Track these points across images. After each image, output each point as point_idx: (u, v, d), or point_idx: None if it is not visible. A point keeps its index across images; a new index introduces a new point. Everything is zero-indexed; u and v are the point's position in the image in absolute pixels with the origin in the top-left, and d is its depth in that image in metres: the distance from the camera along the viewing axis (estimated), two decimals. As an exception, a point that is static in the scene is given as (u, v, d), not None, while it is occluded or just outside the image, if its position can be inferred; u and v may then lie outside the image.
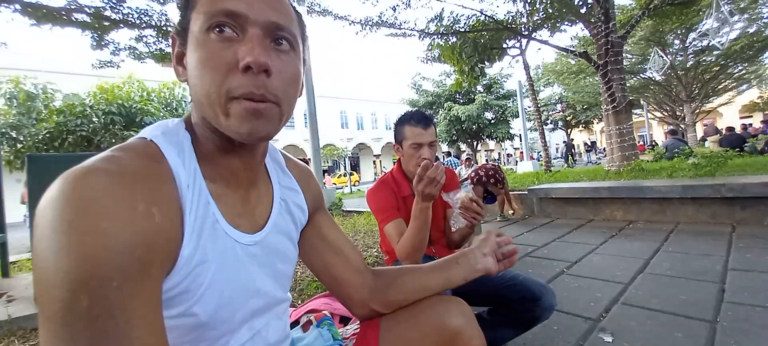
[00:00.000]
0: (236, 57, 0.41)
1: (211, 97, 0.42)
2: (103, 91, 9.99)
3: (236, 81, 0.41)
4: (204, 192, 0.45)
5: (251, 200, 0.53)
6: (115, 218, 0.34)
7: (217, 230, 0.45)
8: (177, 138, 0.45)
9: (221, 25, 0.42)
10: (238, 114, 0.41)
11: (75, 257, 0.31)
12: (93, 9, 5.33)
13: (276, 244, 0.55)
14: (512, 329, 1.23)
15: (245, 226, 0.50)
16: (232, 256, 0.47)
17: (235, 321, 0.48)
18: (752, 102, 22.67)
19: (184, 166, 0.43)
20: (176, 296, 0.41)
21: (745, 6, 10.67)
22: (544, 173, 7.52)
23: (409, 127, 1.31)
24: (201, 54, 0.42)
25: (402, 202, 1.36)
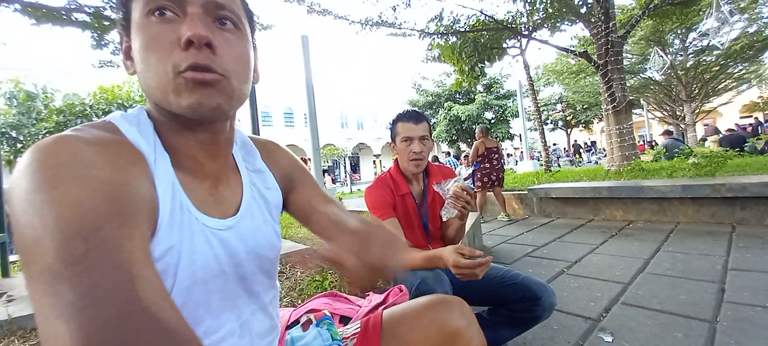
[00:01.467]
0: (178, 35, 0.41)
1: (158, 79, 0.41)
2: (102, 91, 10.00)
3: (180, 56, 0.41)
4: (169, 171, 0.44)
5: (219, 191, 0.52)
6: (96, 170, 0.33)
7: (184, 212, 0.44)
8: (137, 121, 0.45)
9: (161, 7, 0.42)
10: (185, 87, 0.41)
11: (63, 207, 0.30)
12: (93, 9, 5.33)
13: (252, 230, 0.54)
14: (512, 329, 1.23)
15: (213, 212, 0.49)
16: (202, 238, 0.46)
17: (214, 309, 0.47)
18: (752, 102, 22.68)
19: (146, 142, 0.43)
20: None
21: (745, 6, 10.66)
22: (544, 173, 7.52)
23: (400, 123, 1.35)
24: (143, 38, 0.42)
25: (399, 200, 1.37)
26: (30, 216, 0.31)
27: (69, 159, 0.33)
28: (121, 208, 0.33)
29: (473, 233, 2.91)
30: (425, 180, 1.42)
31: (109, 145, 0.38)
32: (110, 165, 0.35)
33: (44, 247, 0.29)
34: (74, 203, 0.31)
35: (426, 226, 1.41)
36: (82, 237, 0.30)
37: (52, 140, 0.35)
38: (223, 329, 0.48)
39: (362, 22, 7.03)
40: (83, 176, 0.33)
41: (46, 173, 0.32)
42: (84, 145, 0.35)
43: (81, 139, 0.36)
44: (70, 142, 0.35)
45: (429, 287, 1.08)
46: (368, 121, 34.64)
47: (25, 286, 0.31)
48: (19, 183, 0.32)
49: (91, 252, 0.30)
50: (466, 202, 1.14)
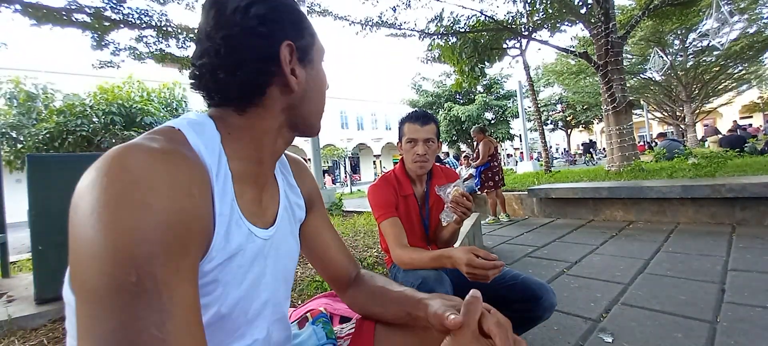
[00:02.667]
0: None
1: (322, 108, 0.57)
2: (103, 92, 9.99)
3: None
4: (229, 185, 0.46)
5: (263, 199, 0.55)
6: (159, 193, 0.34)
7: (239, 224, 0.47)
8: (203, 130, 0.46)
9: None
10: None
11: (122, 232, 0.31)
12: (93, 9, 5.33)
13: (283, 241, 0.57)
14: (512, 329, 1.22)
15: (259, 223, 0.51)
16: (252, 249, 0.48)
17: (250, 315, 0.49)
18: (752, 102, 22.69)
19: (211, 156, 0.44)
20: (206, 286, 0.42)
21: (745, 6, 10.68)
22: (544, 173, 7.52)
23: (407, 124, 1.36)
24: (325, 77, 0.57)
25: (402, 200, 1.37)
26: (91, 234, 0.31)
27: (136, 178, 0.34)
28: (177, 237, 0.34)
29: (473, 233, 2.91)
30: (428, 182, 1.42)
31: (176, 161, 0.38)
32: (174, 187, 0.36)
33: (96, 268, 0.31)
34: (133, 229, 0.32)
35: (427, 227, 1.41)
36: (134, 266, 0.31)
37: (123, 152, 0.35)
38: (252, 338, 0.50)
39: (362, 22, 7.03)
40: (146, 201, 0.33)
41: (112, 190, 0.33)
42: (152, 161, 0.36)
43: (153, 152, 0.36)
44: (138, 156, 0.35)
45: (430, 287, 1.08)
46: (368, 122, 34.62)
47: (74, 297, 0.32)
48: (85, 196, 0.33)
49: (141, 283, 0.31)
50: (466, 207, 1.14)
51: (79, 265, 0.32)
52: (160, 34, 5.98)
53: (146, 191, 0.34)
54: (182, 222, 0.35)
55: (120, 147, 0.36)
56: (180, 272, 0.34)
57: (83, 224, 0.32)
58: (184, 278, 0.34)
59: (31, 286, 1.87)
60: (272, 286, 0.54)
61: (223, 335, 0.46)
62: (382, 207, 1.31)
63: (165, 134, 0.42)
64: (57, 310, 1.67)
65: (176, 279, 0.33)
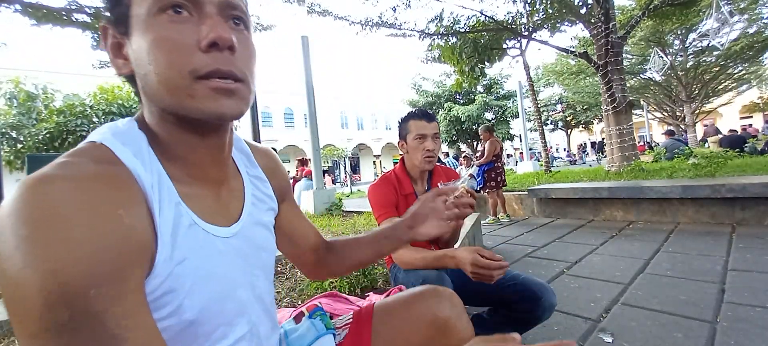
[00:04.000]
0: (197, 36, 0.39)
1: (171, 81, 0.39)
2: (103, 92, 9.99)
3: (201, 59, 0.39)
4: (172, 193, 0.43)
5: (222, 196, 0.51)
6: (79, 224, 0.32)
7: (192, 228, 0.44)
8: (130, 138, 0.42)
9: (176, 5, 0.40)
10: (206, 94, 0.40)
11: (44, 271, 0.29)
12: (93, 9, 5.33)
13: (254, 235, 0.55)
14: (512, 329, 1.22)
15: (220, 221, 0.49)
16: (213, 251, 0.46)
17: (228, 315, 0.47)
18: (752, 102, 22.68)
19: (144, 166, 0.41)
20: (161, 297, 0.39)
21: (745, 6, 10.68)
22: (544, 173, 7.52)
23: (413, 121, 1.36)
24: (153, 36, 0.39)
25: (403, 199, 1.37)
26: (14, 275, 0.29)
27: (54, 210, 0.31)
28: (110, 264, 0.32)
29: (473, 233, 2.91)
30: (429, 181, 1.43)
31: (97, 187, 0.35)
32: (98, 213, 0.33)
33: (29, 311, 0.29)
34: (54, 268, 0.29)
35: None
36: (66, 304, 0.29)
37: (38, 182, 0.32)
38: (235, 335, 0.48)
39: (362, 22, 7.04)
40: (68, 232, 0.31)
41: (24, 230, 0.30)
42: (71, 188, 0.33)
43: (68, 179, 0.34)
44: (55, 187, 0.32)
45: (429, 287, 1.08)
46: (368, 122, 34.63)
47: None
48: (3, 232, 0.31)
49: (76, 318, 0.29)
50: (470, 205, 1.14)
51: (10, 307, 0.30)
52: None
53: (65, 225, 0.31)
54: (111, 248, 0.33)
55: (33, 177, 0.33)
56: (120, 299, 0.32)
57: (5, 265, 0.30)
58: (130, 302, 0.33)
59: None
60: (248, 281, 0.51)
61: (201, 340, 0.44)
62: (382, 206, 1.31)
63: (85, 154, 0.38)
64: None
65: (120, 306, 0.32)
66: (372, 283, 1.76)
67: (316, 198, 5.52)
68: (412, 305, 0.70)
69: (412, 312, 0.69)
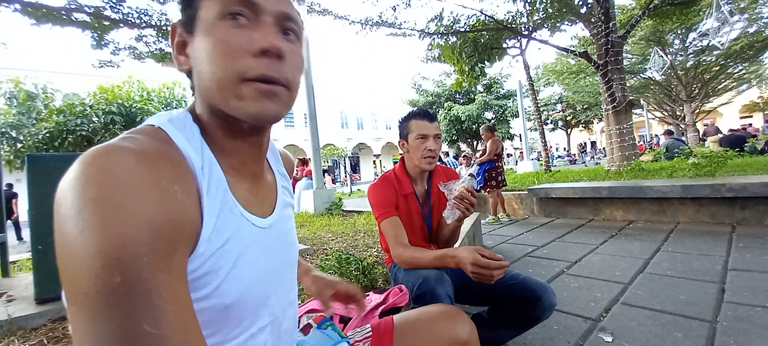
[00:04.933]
0: (250, 41, 0.43)
1: (222, 81, 0.43)
2: (103, 91, 9.99)
3: (250, 63, 0.42)
4: (221, 179, 0.45)
5: (259, 190, 0.55)
6: (140, 194, 0.34)
7: (234, 213, 0.46)
8: (184, 126, 0.45)
9: (237, 12, 0.43)
10: (250, 95, 0.43)
11: (104, 235, 0.31)
12: (93, 9, 5.33)
13: (284, 228, 0.58)
14: (513, 329, 1.23)
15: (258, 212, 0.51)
16: (251, 238, 0.48)
17: (256, 304, 0.49)
18: (752, 102, 22.69)
19: (196, 152, 0.44)
20: (201, 277, 0.41)
21: (745, 6, 10.68)
22: (544, 173, 7.52)
23: (414, 121, 1.35)
24: (214, 39, 0.43)
25: (402, 200, 1.37)
26: (74, 237, 0.31)
27: (117, 178, 0.33)
28: (163, 236, 0.34)
29: (473, 232, 2.91)
30: (429, 181, 1.42)
31: (157, 160, 0.38)
32: (156, 186, 0.36)
33: (84, 271, 0.30)
34: (117, 231, 0.31)
35: (429, 226, 1.41)
36: (121, 268, 0.31)
37: (102, 152, 0.35)
38: (258, 325, 0.50)
39: (362, 22, 7.03)
40: (128, 201, 0.33)
41: (93, 191, 0.32)
42: (133, 161, 0.35)
43: (131, 151, 0.36)
44: (118, 156, 0.35)
45: (430, 286, 1.08)
46: (368, 121, 34.61)
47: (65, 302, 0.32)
48: (66, 197, 0.33)
49: (127, 284, 0.30)
50: (470, 204, 1.14)
51: (66, 268, 0.31)
52: (160, 34, 5.97)
53: (127, 192, 0.33)
54: (166, 221, 0.35)
55: (99, 148, 0.35)
56: (169, 271, 0.34)
57: (65, 227, 0.32)
58: (174, 277, 0.34)
59: (31, 286, 1.87)
60: (277, 273, 0.54)
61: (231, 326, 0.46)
62: (382, 206, 1.31)
63: (146, 133, 0.41)
64: (57, 310, 1.67)
65: (166, 278, 0.33)
66: (372, 283, 1.76)
67: (316, 198, 5.52)
68: (433, 323, 0.74)
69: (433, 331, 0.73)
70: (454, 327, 0.73)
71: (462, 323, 0.75)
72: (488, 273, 0.96)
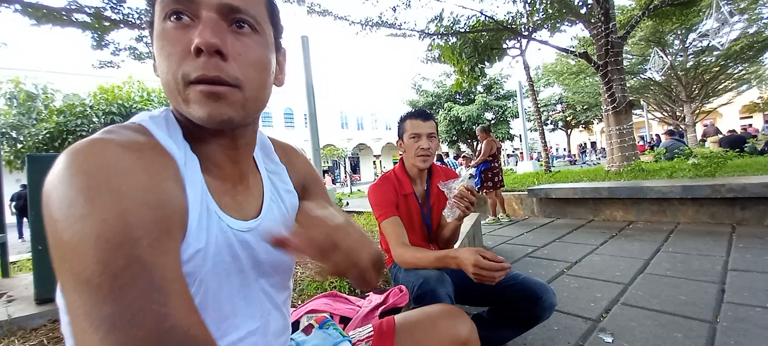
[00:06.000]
0: (188, 41, 0.40)
1: (170, 85, 0.41)
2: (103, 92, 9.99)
3: (190, 65, 0.40)
4: (199, 176, 0.44)
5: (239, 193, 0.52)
6: (132, 179, 0.34)
7: (214, 218, 0.45)
8: (166, 123, 0.45)
9: (177, 11, 0.41)
10: (195, 99, 0.40)
11: (103, 220, 0.31)
12: (93, 9, 5.33)
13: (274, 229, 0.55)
14: (512, 329, 1.23)
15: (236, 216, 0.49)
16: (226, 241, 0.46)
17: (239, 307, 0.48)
18: (752, 102, 22.68)
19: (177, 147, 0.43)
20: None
21: (745, 6, 10.68)
22: (544, 173, 7.52)
23: (408, 120, 1.37)
24: (159, 43, 0.41)
25: (402, 199, 1.37)
26: (70, 224, 0.31)
27: (107, 166, 0.33)
28: (158, 220, 0.34)
29: (473, 233, 2.91)
30: (429, 180, 1.43)
31: (143, 150, 0.37)
32: (146, 173, 0.35)
33: (85, 258, 0.30)
34: (115, 215, 0.31)
35: (429, 226, 1.41)
36: (123, 251, 0.30)
37: (88, 144, 0.34)
38: (245, 329, 0.49)
39: (362, 22, 7.04)
40: (122, 186, 0.33)
41: (84, 179, 0.32)
42: (120, 150, 0.35)
43: (116, 142, 0.36)
44: (106, 146, 0.35)
45: (431, 287, 1.08)
46: (368, 122, 34.62)
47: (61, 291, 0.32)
48: (57, 188, 0.32)
49: (131, 267, 0.30)
50: (470, 202, 1.14)
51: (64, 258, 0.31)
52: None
53: (120, 177, 0.33)
54: (161, 204, 0.35)
55: (83, 141, 0.35)
56: (168, 253, 0.34)
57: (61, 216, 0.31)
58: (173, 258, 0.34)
59: (31, 286, 1.87)
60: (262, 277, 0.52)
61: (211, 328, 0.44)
62: (383, 206, 1.31)
63: (128, 128, 0.41)
64: (57, 310, 1.67)
65: (166, 259, 0.33)
66: (372, 283, 1.76)
67: (316, 198, 5.51)
68: (434, 323, 0.74)
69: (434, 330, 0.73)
70: (455, 326, 0.74)
71: (463, 323, 0.75)
72: (490, 275, 0.96)
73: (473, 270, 0.98)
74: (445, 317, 0.75)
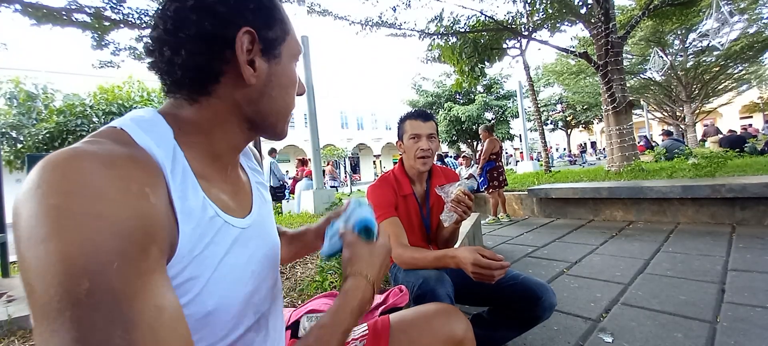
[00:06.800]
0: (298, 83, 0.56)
1: (288, 109, 0.54)
2: (103, 92, 10.00)
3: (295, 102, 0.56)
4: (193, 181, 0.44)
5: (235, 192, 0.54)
6: (108, 198, 0.32)
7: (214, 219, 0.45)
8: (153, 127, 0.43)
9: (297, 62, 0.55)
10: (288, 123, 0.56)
11: (69, 243, 0.29)
12: (93, 9, 5.34)
13: (263, 226, 0.57)
14: (512, 329, 1.23)
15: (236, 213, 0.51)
16: (230, 239, 0.47)
17: (240, 306, 0.49)
18: (752, 102, 22.68)
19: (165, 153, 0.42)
20: (182, 285, 0.40)
21: (745, 6, 10.67)
22: (544, 173, 7.52)
23: (409, 121, 1.37)
24: (294, 77, 0.54)
25: (402, 200, 1.37)
26: (37, 246, 0.30)
27: (79, 186, 0.32)
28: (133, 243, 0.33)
29: (473, 233, 2.91)
30: (428, 181, 1.42)
31: (121, 166, 0.36)
32: (121, 192, 0.34)
33: (47, 283, 0.29)
34: (81, 240, 0.30)
35: (428, 227, 1.41)
36: (88, 276, 0.29)
37: (63, 159, 0.33)
38: (244, 325, 0.50)
39: (362, 22, 7.04)
40: (93, 208, 0.31)
41: (54, 200, 0.31)
42: (95, 166, 0.33)
43: (93, 157, 0.34)
44: (81, 162, 0.33)
45: (430, 287, 1.08)
46: (368, 122, 34.62)
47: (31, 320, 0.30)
48: (25, 206, 0.31)
49: (96, 293, 0.29)
50: (467, 207, 1.14)
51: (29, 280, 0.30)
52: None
53: (92, 198, 0.31)
54: (136, 226, 0.33)
55: (60, 153, 0.33)
56: (142, 277, 0.32)
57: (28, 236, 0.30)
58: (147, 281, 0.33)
59: (31, 286, 1.87)
60: (260, 274, 0.53)
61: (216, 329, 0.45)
62: (382, 207, 1.31)
63: (108, 136, 0.39)
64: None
65: (138, 285, 0.31)
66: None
67: (316, 198, 5.51)
68: (430, 321, 0.74)
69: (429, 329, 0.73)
70: (450, 325, 0.74)
71: (458, 321, 0.75)
72: (489, 273, 0.96)
73: (472, 269, 0.98)
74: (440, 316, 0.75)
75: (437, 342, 0.72)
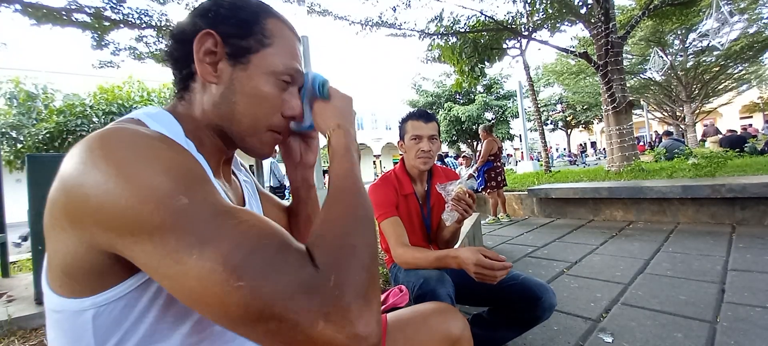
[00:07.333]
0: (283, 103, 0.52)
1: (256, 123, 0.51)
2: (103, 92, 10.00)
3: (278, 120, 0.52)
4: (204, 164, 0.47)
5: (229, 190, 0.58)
6: (165, 147, 0.37)
7: None
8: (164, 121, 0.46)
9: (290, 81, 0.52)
10: (269, 141, 0.53)
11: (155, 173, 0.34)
12: (93, 9, 5.34)
13: None
14: (513, 329, 1.23)
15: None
16: None
17: None
18: (752, 102, 22.67)
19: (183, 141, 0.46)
20: None
21: (745, 6, 10.67)
22: (544, 173, 7.52)
23: (410, 122, 1.36)
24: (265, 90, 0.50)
25: (403, 200, 1.37)
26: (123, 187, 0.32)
27: (139, 139, 0.36)
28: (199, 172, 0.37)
29: (473, 233, 2.90)
30: (429, 181, 1.42)
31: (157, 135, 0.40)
32: (172, 145, 0.39)
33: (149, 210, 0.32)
34: (165, 169, 0.34)
35: (429, 227, 1.41)
36: (181, 193, 0.33)
37: (105, 132, 0.37)
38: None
39: (362, 22, 7.04)
40: (158, 153, 0.36)
41: (123, 151, 0.35)
42: (140, 133, 0.38)
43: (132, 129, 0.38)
44: (123, 132, 0.37)
45: (431, 287, 1.08)
46: (368, 122, 34.59)
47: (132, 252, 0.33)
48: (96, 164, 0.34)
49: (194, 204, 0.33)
50: (468, 205, 1.14)
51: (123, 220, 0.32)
52: (160, 34, 5.98)
53: (151, 146, 0.36)
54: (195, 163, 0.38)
55: (102, 129, 0.37)
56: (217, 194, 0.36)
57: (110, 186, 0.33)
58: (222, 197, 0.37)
59: (31, 286, 1.87)
60: None
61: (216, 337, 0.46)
62: (383, 206, 1.31)
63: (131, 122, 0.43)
64: (57, 310, 1.67)
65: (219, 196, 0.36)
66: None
67: (316, 198, 5.51)
68: (427, 320, 0.75)
69: (426, 327, 0.74)
70: (447, 324, 0.75)
71: (455, 320, 0.76)
72: (492, 274, 0.96)
73: (475, 269, 0.98)
74: (437, 315, 0.76)
75: (434, 341, 0.73)
